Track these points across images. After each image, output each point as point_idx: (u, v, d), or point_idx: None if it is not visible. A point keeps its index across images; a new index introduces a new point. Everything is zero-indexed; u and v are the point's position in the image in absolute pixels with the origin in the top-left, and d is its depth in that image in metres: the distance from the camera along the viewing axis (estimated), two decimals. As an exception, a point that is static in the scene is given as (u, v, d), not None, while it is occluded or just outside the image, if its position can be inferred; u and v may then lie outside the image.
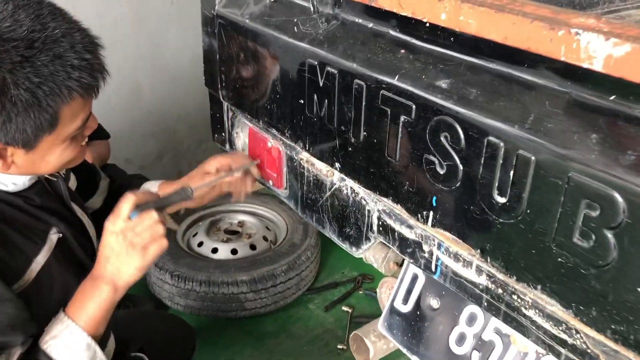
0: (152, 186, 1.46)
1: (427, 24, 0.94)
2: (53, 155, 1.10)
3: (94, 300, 1.14)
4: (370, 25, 1.09)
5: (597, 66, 0.69)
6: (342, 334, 2.41)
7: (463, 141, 0.91)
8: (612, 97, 0.75)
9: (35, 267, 1.15)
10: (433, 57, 0.97)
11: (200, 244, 2.59)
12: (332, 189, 1.28)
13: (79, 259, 1.29)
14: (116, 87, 2.84)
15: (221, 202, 2.82)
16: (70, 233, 1.25)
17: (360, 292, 2.66)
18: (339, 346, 2.33)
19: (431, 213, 1.02)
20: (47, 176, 1.25)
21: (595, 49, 0.69)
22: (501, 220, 0.89)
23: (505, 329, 1.07)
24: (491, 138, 0.86)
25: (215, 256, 2.53)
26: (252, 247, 2.60)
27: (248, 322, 2.43)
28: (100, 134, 2.08)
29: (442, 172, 0.96)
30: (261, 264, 2.42)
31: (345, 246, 1.31)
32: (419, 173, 1.01)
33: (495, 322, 1.09)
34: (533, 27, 0.74)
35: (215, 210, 2.82)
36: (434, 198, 1.00)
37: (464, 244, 0.98)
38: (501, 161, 0.86)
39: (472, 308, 1.12)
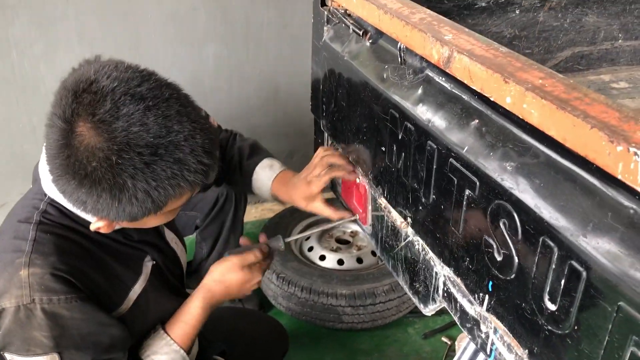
0: (268, 178, 1.53)
1: (503, 97, 0.87)
2: (153, 222, 1.16)
3: (193, 324, 1.34)
4: (450, 86, 1.03)
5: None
6: (436, 365, 2.35)
7: (520, 233, 0.83)
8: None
9: (132, 296, 1.26)
10: (504, 134, 0.89)
11: (310, 249, 2.66)
12: (407, 241, 1.24)
13: (170, 283, 1.41)
14: (257, 88, 2.99)
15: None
16: (162, 261, 1.37)
17: (465, 324, 2.55)
18: (429, 378, 2.27)
19: (487, 297, 0.94)
20: None
21: (654, 175, 0.59)
22: (549, 327, 0.80)
23: None
24: (546, 238, 0.78)
25: (322, 264, 2.58)
26: (359, 260, 2.60)
27: (344, 335, 2.45)
28: None
29: (499, 258, 0.89)
30: (364, 280, 2.42)
31: (415, 300, 1.27)
32: (478, 254, 0.94)
33: None
34: (592, 134, 0.65)
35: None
36: (490, 283, 0.93)
37: (513, 339, 0.90)
38: (554, 266, 0.77)
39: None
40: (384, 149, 1.22)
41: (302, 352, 2.36)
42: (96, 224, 1.10)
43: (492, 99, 0.83)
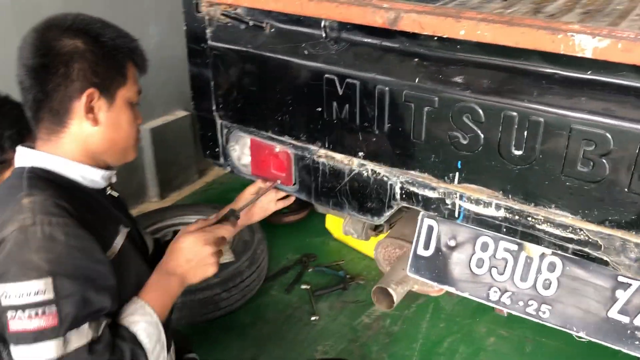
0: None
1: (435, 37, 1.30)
2: (124, 117, 1.37)
3: (166, 292, 1.40)
4: (378, 42, 1.42)
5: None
6: (309, 308, 2.72)
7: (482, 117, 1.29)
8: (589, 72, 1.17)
9: (117, 244, 1.36)
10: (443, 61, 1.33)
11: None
12: (353, 173, 1.58)
13: (141, 253, 1.51)
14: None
15: (160, 217, 2.95)
16: (133, 234, 1.48)
17: (310, 270, 2.98)
18: (312, 318, 2.65)
19: (457, 174, 1.38)
20: (111, 193, 1.48)
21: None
22: (517, 167, 1.29)
23: (512, 246, 1.48)
24: (507, 112, 1.25)
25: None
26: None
27: (225, 320, 2.63)
28: None
29: (465, 142, 1.33)
30: (226, 266, 2.63)
31: (366, 218, 1.63)
32: (443, 147, 1.37)
33: (503, 244, 1.49)
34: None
35: (155, 228, 2.92)
36: (459, 162, 1.37)
37: (485, 191, 1.36)
38: (516, 126, 1.25)
39: (483, 238, 1.51)
40: (320, 109, 1.53)
41: (205, 353, 2.46)
42: (83, 99, 1.29)
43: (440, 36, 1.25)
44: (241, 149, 1.83)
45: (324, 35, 1.47)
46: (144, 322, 1.31)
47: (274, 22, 1.57)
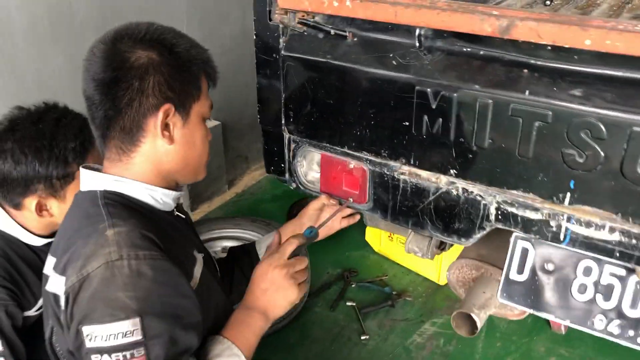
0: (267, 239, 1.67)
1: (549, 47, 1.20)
2: (198, 134, 1.28)
3: (249, 328, 1.30)
4: (479, 51, 1.31)
5: None
6: (357, 326, 2.61)
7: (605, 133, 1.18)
8: None
9: (197, 273, 1.28)
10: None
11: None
12: (440, 192, 1.48)
13: (216, 280, 1.43)
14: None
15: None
16: (205, 259, 1.39)
17: (353, 285, 2.86)
18: (362, 337, 2.53)
19: (568, 194, 1.28)
20: (179, 214, 1.38)
21: None
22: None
23: (619, 271, 1.37)
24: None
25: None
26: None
27: (272, 339, 2.52)
28: None
29: (581, 160, 1.23)
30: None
31: (452, 240, 1.52)
32: (555, 165, 1.26)
33: (609, 268, 1.38)
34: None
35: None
36: (572, 182, 1.26)
37: (598, 213, 1.26)
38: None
39: (585, 262, 1.40)
40: (407, 124, 1.42)
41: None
42: (160, 116, 1.20)
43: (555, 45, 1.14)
44: (309, 165, 1.72)
45: (417, 44, 1.36)
46: None
47: (357, 30, 1.46)
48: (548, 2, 2.30)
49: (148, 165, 1.24)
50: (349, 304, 2.73)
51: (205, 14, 3.25)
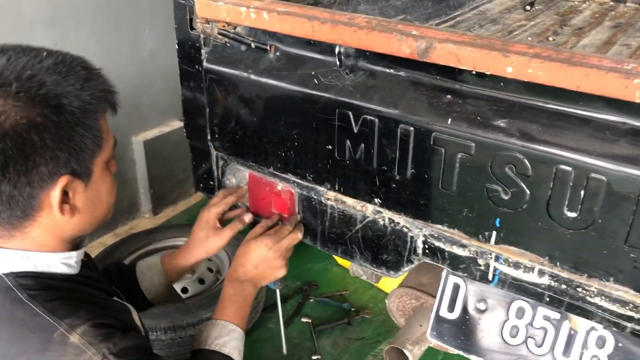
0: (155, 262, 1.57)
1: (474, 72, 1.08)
2: (104, 188, 1.11)
3: (243, 299, 1.40)
4: (402, 74, 1.19)
5: None
6: (310, 345, 2.50)
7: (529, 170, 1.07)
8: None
9: (137, 322, 1.24)
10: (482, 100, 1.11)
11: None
12: (366, 220, 1.37)
13: None
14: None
15: (142, 242, 2.73)
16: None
17: (311, 300, 2.76)
18: (314, 358, 2.42)
19: (494, 232, 1.16)
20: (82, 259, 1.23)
21: None
22: (568, 229, 1.07)
23: (553, 314, 1.26)
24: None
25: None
26: (201, 281, 2.56)
27: (218, 357, 2.41)
28: None
29: (506, 197, 1.11)
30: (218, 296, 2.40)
31: (380, 272, 1.41)
32: (480, 201, 1.15)
33: (543, 311, 1.27)
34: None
35: (139, 254, 2.69)
36: (497, 220, 1.15)
37: (526, 255, 1.14)
38: (571, 183, 1.03)
39: (518, 303, 1.29)
40: (330, 147, 1.31)
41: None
42: (56, 194, 1.01)
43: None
44: (239, 183, 1.61)
45: (338, 63, 1.25)
46: (232, 340, 1.31)
47: (279, 44, 1.35)
48: (528, 7, 2.19)
49: (48, 236, 1.07)
50: (304, 320, 2.62)
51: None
